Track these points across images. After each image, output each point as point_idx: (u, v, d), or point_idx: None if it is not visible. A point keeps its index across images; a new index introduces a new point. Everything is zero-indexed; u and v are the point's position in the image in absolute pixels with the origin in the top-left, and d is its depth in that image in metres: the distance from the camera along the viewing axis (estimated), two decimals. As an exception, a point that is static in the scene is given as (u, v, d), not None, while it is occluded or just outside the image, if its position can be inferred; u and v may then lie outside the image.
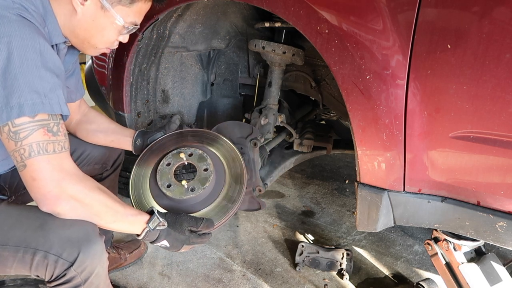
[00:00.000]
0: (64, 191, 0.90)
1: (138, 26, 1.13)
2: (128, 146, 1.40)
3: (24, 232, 0.92)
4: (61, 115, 0.94)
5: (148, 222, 1.05)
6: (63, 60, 1.15)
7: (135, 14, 1.07)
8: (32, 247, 0.91)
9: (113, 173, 1.58)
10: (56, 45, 1.06)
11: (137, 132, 1.40)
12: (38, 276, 0.96)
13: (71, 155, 0.99)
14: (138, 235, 1.06)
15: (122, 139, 1.40)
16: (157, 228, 1.06)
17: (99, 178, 1.55)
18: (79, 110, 1.41)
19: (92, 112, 1.46)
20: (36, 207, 0.93)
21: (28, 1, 0.94)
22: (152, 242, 1.10)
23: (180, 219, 1.12)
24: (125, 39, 1.15)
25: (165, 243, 1.10)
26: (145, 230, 1.05)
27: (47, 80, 0.89)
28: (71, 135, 1.42)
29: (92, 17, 1.02)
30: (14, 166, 1.10)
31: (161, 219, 1.07)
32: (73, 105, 1.35)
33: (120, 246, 1.77)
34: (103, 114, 1.53)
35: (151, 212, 1.08)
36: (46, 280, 0.95)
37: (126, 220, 1.03)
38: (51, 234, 0.92)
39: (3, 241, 0.91)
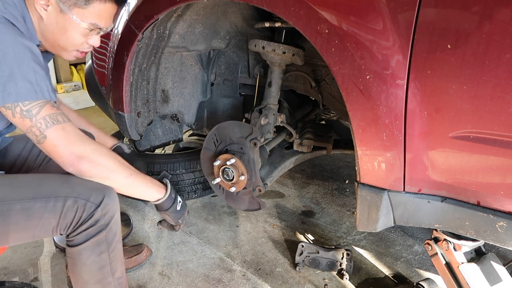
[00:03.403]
0: (83, 150, 1.04)
1: (104, 28, 1.18)
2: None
3: (52, 186, 1.05)
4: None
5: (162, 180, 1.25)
6: None
7: (94, 16, 1.12)
8: (62, 196, 1.03)
9: None
10: None
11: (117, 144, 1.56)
12: (61, 234, 1.07)
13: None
14: (155, 201, 1.22)
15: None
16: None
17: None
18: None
19: (71, 115, 1.47)
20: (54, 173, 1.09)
21: (12, 6, 1.04)
22: (173, 204, 1.25)
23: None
24: (95, 42, 1.20)
25: (179, 198, 1.28)
26: (168, 184, 1.25)
27: (38, 72, 0.99)
28: None
29: (55, 21, 1.10)
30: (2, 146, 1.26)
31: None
32: None
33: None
34: (84, 119, 1.55)
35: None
36: (71, 228, 1.06)
37: (140, 176, 1.17)
38: (77, 185, 1.06)
39: (34, 195, 1.03)
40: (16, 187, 1.04)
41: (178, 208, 1.27)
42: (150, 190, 1.21)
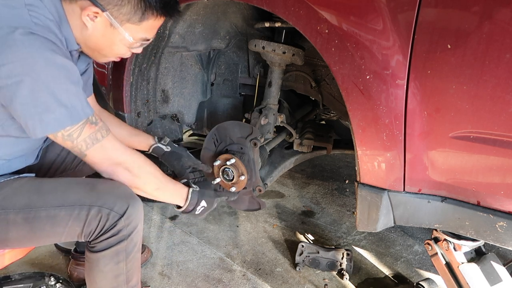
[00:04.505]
0: (120, 162, 1.09)
1: (150, 40, 1.15)
2: (144, 149, 1.54)
3: (78, 194, 1.07)
4: None
5: (188, 188, 1.28)
6: (75, 63, 1.19)
7: (146, 30, 1.10)
8: (87, 204, 1.04)
9: None
10: (70, 51, 1.10)
11: (155, 144, 1.53)
12: (84, 239, 1.08)
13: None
14: (179, 207, 1.29)
15: (137, 146, 1.52)
16: (195, 191, 1.30)
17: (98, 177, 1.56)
18: None
19: (105, 115, 1.46)
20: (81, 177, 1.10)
21: (44, 10, 0.97)
22: (192, 210, 1.30)
23: (205, 182, 1.42)
24: (138, 50, 1.18)
25: (203, 203, 1.31)
26: (190, 193, 1.27)
27: (72, 92, 0.97)
28: None
29: (102, 33, 1.05)
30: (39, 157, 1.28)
31: (194, 185, 1.32)
32: None
33: None
34: (115, 119, 1.51)
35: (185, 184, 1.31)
36: (95, 235, 1.07)
37: (168, 188, 1.23)
38: (103, 193, 1.07)
39: (59, 203, 1.04)
40: (43, 194, 1.06)
41: (197, 212, 1.32)
42: (174, 200, 1.28)
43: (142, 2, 1.03)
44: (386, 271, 1.80)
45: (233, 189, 1.57)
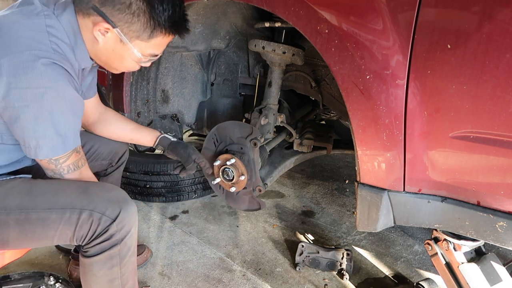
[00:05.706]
0: None
1: (159, 55, 1.17)
2: (149, 144, 1.54)
3: (69, 197, 1.06)
4: None
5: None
6: (85, 77, 1.22)
7: (154, 47, 1.12)
8: (78, 208, 1.04)
9: (116, 170, 1.60)
10: (83, 68, 1.13)
11: (160, 136, 1.52)
12: (76, 243, 1.07)
13: (82, 147, 1.15)
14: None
15: (142, 139, 1.53)
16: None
17: (103, 174, 1.58)
18: (96, 111, 1.42)
19: (109, 112, 1.47)
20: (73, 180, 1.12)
21: (62, 33, 1.02)
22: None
23: None
24: (147, 64, 1.20)
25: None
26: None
27: (70, 123, 1.04)
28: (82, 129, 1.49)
29: (112, 47, 1.08)
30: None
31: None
32: (88, 106, 1.35)
33: None
34: (120, 116, 1.52)
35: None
36: (87, 240, 1.06)
37: None
38: (94, 196, 1.06)
39: (50, 206, 1.04)
40: (34, 196, 1.06)
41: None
42: None
43: (151, 20, 1.04)
44: (386, 271, 1.80)
45: (233, 189, 1.57)
